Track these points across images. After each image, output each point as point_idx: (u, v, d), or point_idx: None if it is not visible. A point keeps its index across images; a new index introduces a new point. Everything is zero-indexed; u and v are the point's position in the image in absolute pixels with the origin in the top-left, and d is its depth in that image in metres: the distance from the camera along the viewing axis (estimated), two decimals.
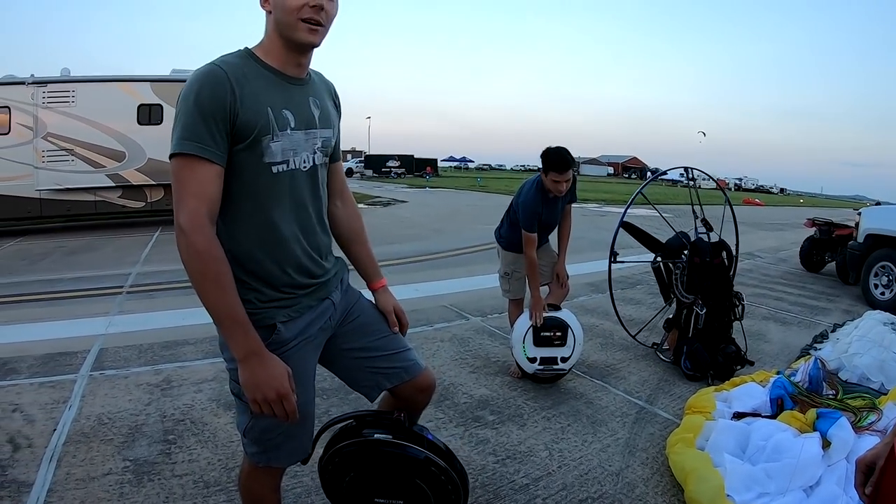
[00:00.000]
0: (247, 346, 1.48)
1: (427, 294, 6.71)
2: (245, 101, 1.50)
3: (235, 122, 1.49)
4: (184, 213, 1.44)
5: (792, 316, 6.44)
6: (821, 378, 3.47)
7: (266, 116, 1.53)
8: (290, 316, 1.66)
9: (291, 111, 1.60)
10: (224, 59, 1.55)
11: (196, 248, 1.44)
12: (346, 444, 1.82)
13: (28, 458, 2.94)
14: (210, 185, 1.47)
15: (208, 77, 1.48)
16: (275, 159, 1.57)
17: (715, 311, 4.34)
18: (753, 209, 31.26)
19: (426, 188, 34.14)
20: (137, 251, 9.97)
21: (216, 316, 1.48)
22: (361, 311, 1.93)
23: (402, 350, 1.94)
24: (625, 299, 6.56)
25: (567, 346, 3.92)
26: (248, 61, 1.57)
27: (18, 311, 6.05)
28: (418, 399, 1.98)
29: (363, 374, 1.90)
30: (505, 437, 3.26)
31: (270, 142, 1.54)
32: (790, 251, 11.81)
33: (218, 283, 1.46)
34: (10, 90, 12.30)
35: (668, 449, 3.03)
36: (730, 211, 5.05)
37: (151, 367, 4.21)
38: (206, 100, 1.45)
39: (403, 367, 1.91)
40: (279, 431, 1.67)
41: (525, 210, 3.90)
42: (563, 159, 3.74)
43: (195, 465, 2.88)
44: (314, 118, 1.67)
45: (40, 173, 12.40)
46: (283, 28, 1.55)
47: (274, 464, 1.75)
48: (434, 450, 1.82)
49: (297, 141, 1.62)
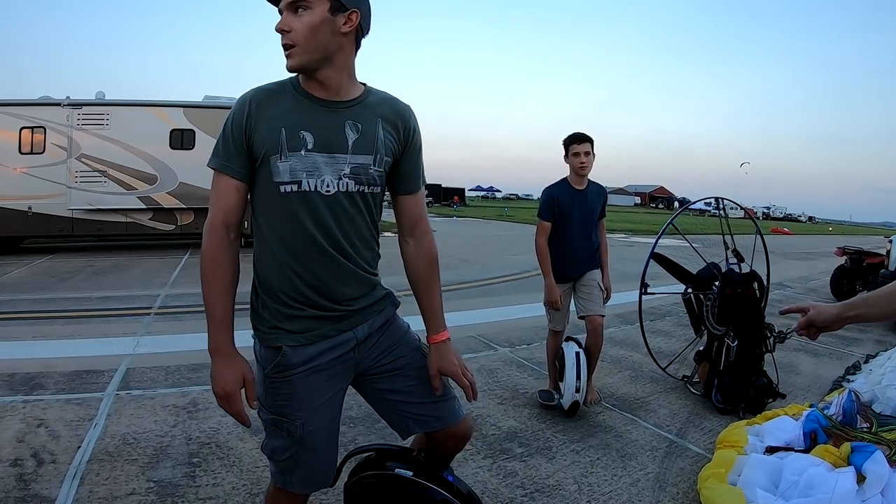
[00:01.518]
0: (215, 342, 1.63)
1: (455, 324, 6.59)
2: (259, 123, 1.58)
3: (250, 142, 1.59)
4: (206, 220, 1.62)
5: (823, 347, 6.29)
6: (855, 411, 3.36)
7: (277, 137, 1.56)
8: (300, 342, 1.64)
9: (311, 133, 1.57)
10: (263, 85, 1.65)
11: (203, 250, 1.60)
12: (368, 474, 1.84)
13: (51, 473, 2.95)
14: (227, 196, 1.61)
15: (238, 102, 1.62)
16: (282, 179, 1.57)
17: (746, 343, 4.25)
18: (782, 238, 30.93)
19: (453, 217, 34.25)
20: (166, 273, 10.09)
21: (206, 310, 1.63)
22: (403, 353, 1.84)
23: (439, 400, 1.86)
24: (654, 331, 6.47)
25: (562, 383, 3.89)
26: (285, 86, 1.64)
27: (47, 328, 6.12)
28: (449, 445, 1.93)
29: (393, 414, 1.85)
30: (533, 470, 3.20)
31: (278, 161, 1.57)
32: (820, 280, 11.63)
33: (208, 281, 1.61)
34: (46, 111, 12.66)
35: (700, 484, 2.95)
36: (760, 241, 4.97)
37: (178, 389, 4.22)
38: (231, 122, 1.60)
39: (436, 417, 1.85)
40: (289, 455, 1.70)
41: (543, 195, 4.06)
42: (580, 133, 3.92)
43: (219, 489, 2.86)
44: (345, 142, 1.61)
45: (73, 193, 12.68)
46: None
47: (290, 487, 1.74)
48: (454, 493, 1.80)
49: (315, 163, 1.58)
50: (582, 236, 4.01)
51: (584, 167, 3.89)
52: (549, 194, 4.01)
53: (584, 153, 3.86)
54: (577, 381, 3.78)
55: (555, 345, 4.17)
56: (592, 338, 3.96)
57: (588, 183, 4.03)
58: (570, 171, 3.98)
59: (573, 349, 3.95)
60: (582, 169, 3.90)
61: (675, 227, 4.76)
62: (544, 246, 3.99)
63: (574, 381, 3.78)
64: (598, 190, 4.10)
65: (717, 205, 5.11)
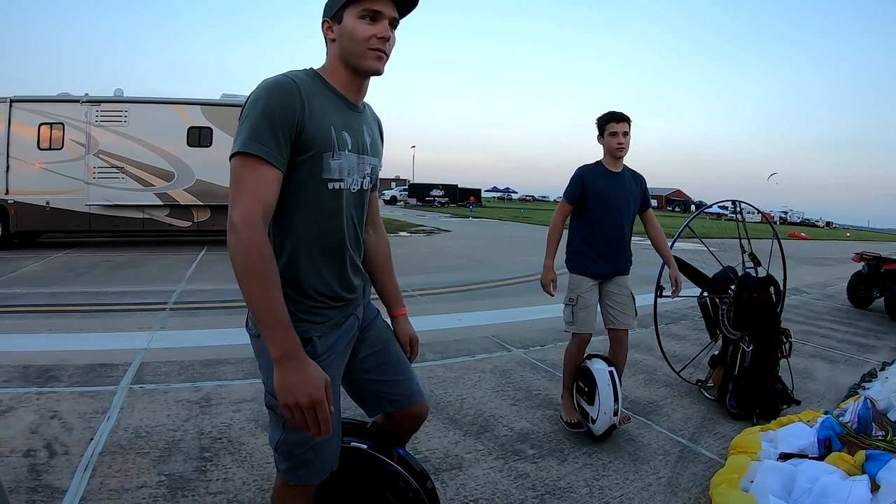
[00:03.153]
0: (284, 347, 1.45)
1: (469, 324, 6.61)
2: (313, 116, 1.56)
3: (301, 135, 1.55)
4: (238, 210, 1.46)
5: (839, 354, 6.23)
6: (870, 418, 3.32)
7: (329, 134, 1.59)
8: (323, 331, 1.69)
9: (349, 134, 1.66)
10: (295, 74, 1.61)
11: (246, 245, 1.44)
12: None
13: (63, 464, 2.98)
14: (268, 186, 1.51)
15: (281, 87, 1.54)
16: (332, 176, 1.63)
17: (762, 348, 4.21)
18: (799, 243, 30.62)
19: (469, 218, 34.19)
20: (182, 269, 10.16)
21: (258, 314, 1.47)
22: (376, 330, 1.99)
23: (407, 378, 2.00)
24: (669, 334, 6.42)
25: (594, 407, 3.53)
26: (315, 80, 1.65)
27: (62, 321, 6.17)
28: (408, 425, 2.05)
29: (367, 394, 1.98)
30: (545, 472, 3.18)
31: (330, 159, 1.61)
32: (837, 286, 11.50)
33: (263, 280, 1.45)
34: (65, 107, 12.80)
35: (712, 490, 2.92)
36: (777, 245, 4.93)
37: (191, 384, 4.24)
38: (277, 108, 1.50)
39: (405, 396, 1.98)
40: (310, 446, 1.68)
41: (573, 176, 3.74)
42: (618, 111, 3.64)
43: (230, 483, 2.87)
44: (367, 145, 1.75)
45: (91, 189, 12.80)
46: (349, 56, 1.64)
47: (304, 481, 1.74)
48: (406, 466, 1.88)
49: (352, 163, 1.68)
50: (615, 224, 3.71)
51: (621, 148, 3.61)
52: (578, 174, 3.71)
53: (622, 133, 3.59)
54: (614, 404, 3.45)
55: (578, 354, 3.78)
56: (617, 350, 3.76)
57: (624, 168, 3.76)
58: (605, 152, 3.69)
59: (604, 368, 3.59)
60: (619, 150, 3.62)
61: (691, 230, 4.73)
62: (558, 223, 3.78)
63: (612, 404, 3.44)
64: (634, 176, 3.82)
65: (735, 208, 5.07)
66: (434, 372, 4.78)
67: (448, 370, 4.86)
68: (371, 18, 1.61)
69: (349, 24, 1.61)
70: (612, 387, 3.49)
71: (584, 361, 3.76)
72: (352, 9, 1.61)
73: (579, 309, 3.69)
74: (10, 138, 12.50)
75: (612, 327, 3.76)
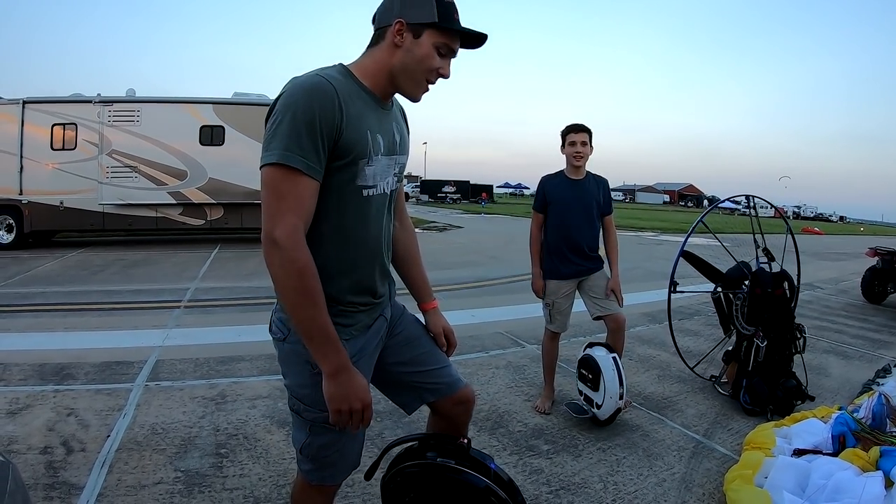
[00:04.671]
0: (338, 362, 1.49)
1: (483, 320, 6.65)
2: (350, 121, 1.50)
3: (338, 141, 1.49)
4: (282, 227, 1.41)
5: (853, 349, 6.19)
6: (885, 414, 3.30)
7: (366, 139, 1.55)
8: (352, 335, 1.67)
9: (382, 136, 1.62)
10: (329, 74, 1.53)
11: (297, 266, 1.42)
12: (410, 464, 1.82)
13: (80, 461, 3.01)
14: (309, 200, 1.47)
15: (318, 90, 1.46)
16: (367, 183, 1.59)
17: (776, 344, 4.19)
18: (813, 238, 30.42)
19: (482, 214, 34.15)
20: (196, 267, 10.22)
21: (308, 332, 1.46)
22: (406, 325, 1.96)
23: (445, 366, 1.96)
24: (683, 330, 6.39)
25: (598, 393, 3.63)
26: (348, 79, 1.58)
27: (78, 319, 6.23)
28: (458, 413, 1.99)
29: (405, 388, 1.94)
30: (559, 468, 3.19)
31: (366, 165, 1.57)
32: (851, 282, 11.41)
33: (314, 299, 1.45)
34: (78, 108, 12.91)
35: (726, 486, 2.91)
36: (791, 240, 4.90)
37: (206, 381, 4.27)
38: (315, 113, 1.44)
39: (446, 384, 1.94)
40: (336, 448, 1.68)
41: (537, 186, 4.04)
42: (577, 123, 3.87)
43: (246, 479, 2.89)
44: (396, 144, 1.70)
45: (104, 188, 12.90)
46: (405, 74, 1.60)
47: (328, 482, 1.75)
48: (495, 480, 1.78)
49: (383, 166, 1.64)
50: (576, 228, 3.89)
51: (579, 156, 3.83)
52: (540, 184, 4.02)
53: (580, 143, 3.81)
54: (620, 388, 3.57)
55: (552, 348, 4.09)
56: (615, 337, 3.85)
57: (587, 174, 3.96)
58: (566, 161, 3.92)
59: (607, 354, 3.70)
60: (577, 158, 3.84)
61: (705, 226, 4.70)
62: (535, 232, 4.03)
63: (617, 389, 3.56)
64: (597, 181, 4.00)
65: (749, 203, 5.04)
66: None
67: (462, 366, 4.86)
68: (442, 53, 1.60)
69: (425, 47, 1.57)
70: (617, 372, 3.60)
71: (586, 350, 3.86)
72: (434, 33, 1.57)
73: (556, 313, 3.99)
74: (23, 139, 12.61)
75: (601, 315, 3.89)
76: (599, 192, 3.97)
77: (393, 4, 1.58)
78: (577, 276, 3.93)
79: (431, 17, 1.55)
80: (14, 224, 12.65)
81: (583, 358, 3.82)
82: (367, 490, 2.72)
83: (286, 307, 1.47)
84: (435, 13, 1.55)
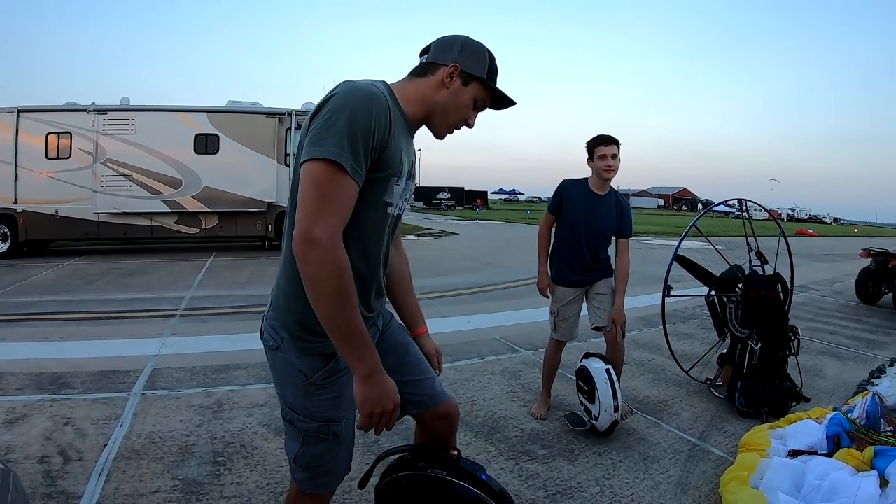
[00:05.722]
0: (372, 363, 1.48)
1: (478, 326, 6.61)
2: (393, 138, 1.53)
3: (381, 155, 1.50)
4: (323, 226, 1.37)
5: (848, 350, 6.23)
6: (879, 414, 3.33)
7: (400, 158, 1.58)
8: None
9: (408, 160, 1.67)
10: (381, 87, 1.55)
11: (337, 266, 1.38)
12: (401, 475, 1.84)
13: (78, 470, 3.01)
14: (351, 204, 1.45)
15: (377, 100, 1.47)
16: (391, 200, 1.62)
17: (770, 346, 4.21)
18: (807, 240, 30.54)
19: (476, 220, 34.20)
20: (191, 276, 10.20)
21: (344, 333, 1.43)
22: (392, 332, 1.98)
23: (428, 377, 1.98)
24: (677, 334, 6.42)
25: (595, 405, 3.57)
26: (392, 99, 1.59)
27: (74, 328, 6.22)
28: (441, 427, 2.01)
29: None
30: (556, 472, 3.20)
31: (395, 184, 1.60)
32: (845, 283, 11.46)
33: (353, 301, 1.42)
34: (72, 116, 12.88)
35: (722, 487, 2.93)
36: (784, 243, 4.93)
37: (203, 390, 4.28)
38: (372, 122, 1.44)
39: (429, 396, 1.95)
40: (330, 458, 1.70)
41: (557, 188, 3.91)
42: (607, 134, 3.74)
43: (243, 487, 2.90)
44: (414, 171, 1.77)
45: (99, 197, 12.87)
46: (442, 116, 1.69)
47: (322, 490, 1.76)
48: (487, 490, 1.79)
49: (403, 189, 1.68)
50: (592, 244, 3.81)
51: (609, 170, 3.68)
52: (560, 186, 3.88)
53: (611, 155, 3.66)
54: (614, 401, 3.50)
55: (554, 357, 4.04)
56: (614, 350, 3.82)
57: (611, 191, 3.84)
58: (594, 173, 3.77)
59: (601, 366, 3.65)
60: (608, 172, 3.69)
61: (698, 229, 4.73)
62: (544, 233, 3.97)
63: (611, 401, 3.50)
64: (619, 202, 3.86)
65: (741, 206, 5.08)
66: (444, 374, 4.77)
67: (458, 372, 4.88)
68: (477, 106, 1.72)
69: (468, 97, 1.68)
70: (610, 384, 3.55)
71: (582, 361, 3.81)
72: (479, 88, 1.69)
73: (560, 321, 3.95)
74: (17, 148, 12.57)
75: (597, 325, 3.87)
76: (618, 214, 3.83)
77: (453, 48, 1.67)
78: (582, 286, 3.89)
79: (482, 72, 1.68)
80: (9, 233, 12.60)
81: (579, 369, 3.78)
82: (363, 497, 2.73)
83: (321, 308, 1.41)
84: (486, 70, 1.69)
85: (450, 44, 1.67)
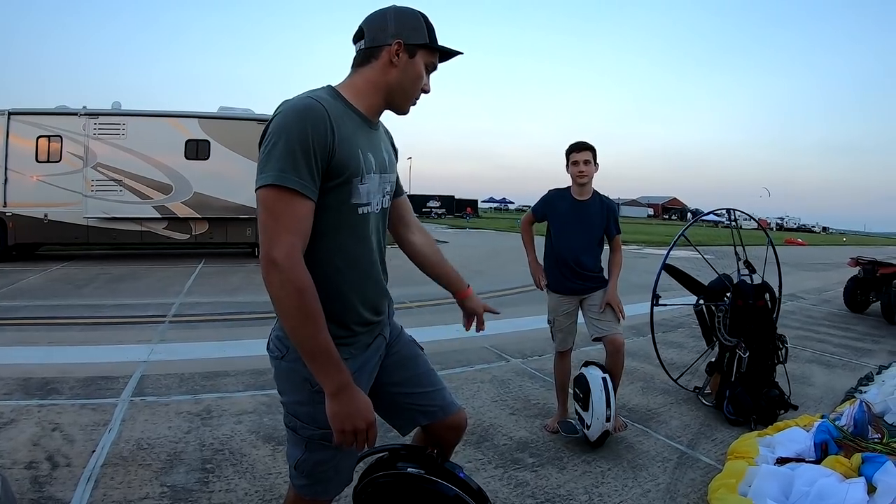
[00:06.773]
0: (340, 381, 1.49)
1: (468, 335, 6.55)
2: (342, 142, 1.53)
3: (331, 161, 1.51)
4: (280, 248, 1.42)
5: (836, 358, 6.27)
6: (866, 421, 3.36)
7: (357, 158, 1.58)
8: (352, 354, 1.68)
9: (373, 155, 1.65)
10: (319, 95, 1.56)
11: (296, 286, 1.42)
12: (380, 475, 1.85)
13: (66, 476, 3.00)
14: (306, 221, 1.48)
15: (310, 111, 1.49)
16: (361, 201, 1.62)
17: (758, 355, 4.24)
18: (796, 249, 30.72)
19: (466, 229, 34.19)
20: (181, 282, 10.17)
21: (310, 351, 1.46)
22: (402, 345, 1.96)
23: (439, 388, 1.98)
24: (666, 342, 6.45)
25: (588, 413, 3.56)
26: (337, 100, 1.61)
27: (62, 334, 6.19)
28: (449, 437, 2.01)
29: (400, 409, 1.94)
30: (544, 480, 3.20)
31: (359, 184, 1.59)
32: (834, 291, 11.55)
33: (315, 319, 1.45)
34: (63, 120, 12.85)
35: (710, 495, 2.94)
36: (772, 252, 4.96)
37: (192, 396, 4.26)
38: (309, 135, 1.46)
39: (440, 406, 1.95)
40: (332, 465, 1.70)
41: (543, 195, 4.04)
42: (580, 141, 3.85)
43: (232, 494, 2.89)
44: (385, 162, 1.74)
45: (89, 201, 12.83)
46: (399, 92, 1.68)
47: (321, 496, 1.75)
48: (465, 488, 1.81)
49: (375, 184, 1.67)
50: (574, 249, 3.83)
51: (582, 175, 3.77)
52: (546, 195, 4.01)
53: (583, 161, 3.76)
54: (607, 410, 3.50)
55: (562, 367, 4.00)
56: (614, 360, 3.77)
57: (594, 195, 3.88)
58: (571, 180, 3.88)
59: (598, 374, 3.64)
60: (581, 177, 3.78)
61: (686, 239, 4.76)
62: (525, 227, 4.17)
63: (604, 410, 3.49)
64: (604, 204, 3.90)
65: (730, 216, 5.11)
66: None
67: (447, 381, 4.80)
68: (428, 70, 1.73)
69: (418, 66, 1.68)
70: (605, 393, 3.54)
71: (581, 368, 3.81)
72: (426, 54, 1.69)
73: (557, 331, 3.98)
74: (8, 151, 12.54)
75: (599, 336, 3.81)
76: (604, 216, 3.87)
77: (387, 24, 1.64)
78: (576, 294, 3.87)
79: (424, 38, 1.67)
80: None
81: (577, 377, 3.78)
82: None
83: (287, 327, 1.47)
84: (426, 34, 1.68)
85: (381, 20, 1.66)
